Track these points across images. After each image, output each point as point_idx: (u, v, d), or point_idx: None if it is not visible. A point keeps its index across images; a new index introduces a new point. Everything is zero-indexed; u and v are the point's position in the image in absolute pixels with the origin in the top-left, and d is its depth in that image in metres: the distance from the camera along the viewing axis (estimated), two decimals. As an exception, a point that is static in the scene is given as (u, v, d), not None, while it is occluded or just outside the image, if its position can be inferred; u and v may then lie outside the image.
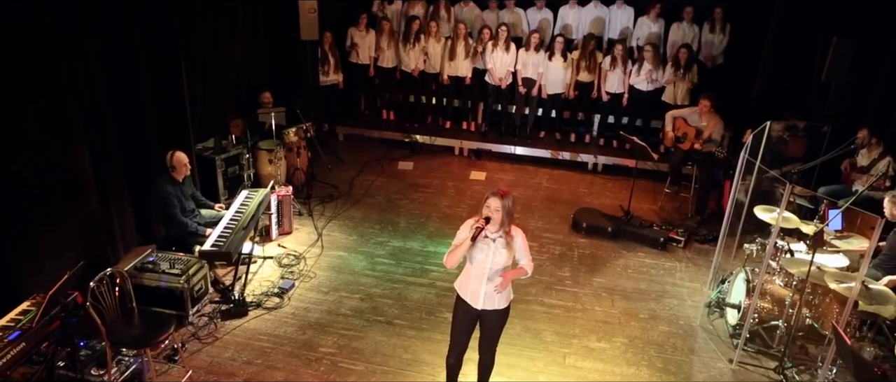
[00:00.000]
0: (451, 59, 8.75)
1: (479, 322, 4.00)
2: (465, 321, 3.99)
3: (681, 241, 6.65)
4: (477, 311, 3.90)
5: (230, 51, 7.09)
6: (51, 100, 4.78)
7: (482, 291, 3.84)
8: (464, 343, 4.06)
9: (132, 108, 5.62)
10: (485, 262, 3.78)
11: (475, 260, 3.80)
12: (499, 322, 3.97)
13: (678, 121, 7.36)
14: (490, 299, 3.85)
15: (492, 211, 3.68)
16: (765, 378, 4.78)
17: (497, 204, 3.67)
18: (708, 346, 5.12)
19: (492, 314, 3.90)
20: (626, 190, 7.68)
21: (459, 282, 3.99)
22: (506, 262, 3.79)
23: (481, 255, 3.78)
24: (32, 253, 4.68)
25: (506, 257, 3.78)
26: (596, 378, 4.67)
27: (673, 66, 8.10)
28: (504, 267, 3.80)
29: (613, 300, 5.68)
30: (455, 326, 4.04)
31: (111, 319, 4.01)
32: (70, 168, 5.02)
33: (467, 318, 3.97)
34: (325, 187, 7.61)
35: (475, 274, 3.84)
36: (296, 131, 7.09)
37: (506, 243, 3.77)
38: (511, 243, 3.79)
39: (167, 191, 5.20)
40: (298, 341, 4.92)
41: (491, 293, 3.83)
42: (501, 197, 3.68)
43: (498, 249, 3.76)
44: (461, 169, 8.61)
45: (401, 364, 4.71)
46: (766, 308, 5.07)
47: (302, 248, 6.25)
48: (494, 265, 3.78)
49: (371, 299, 5.51)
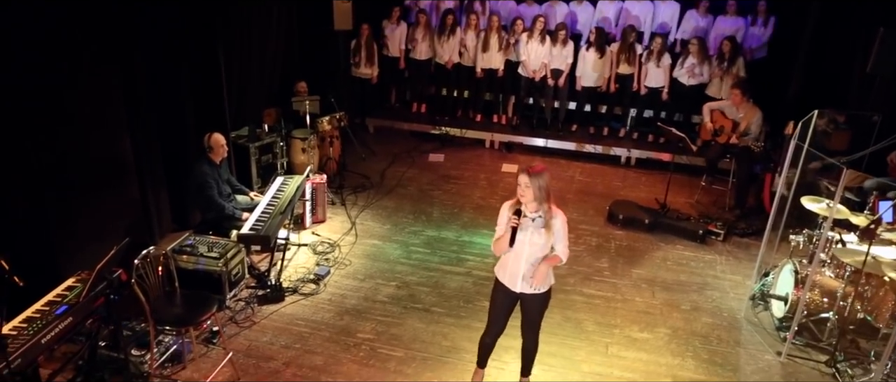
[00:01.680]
0: (485, 51, 8.69)
1: (520, 305, 3.91)
2: (504, 303, 3.88)
3: (720, 234, 6.50)
4: (516, 294, 3.80)
5: (264, 43, 7.14)
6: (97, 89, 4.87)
7: (520, 274, 3.73)
8: (501, 325, 3.96)
9: (171, 99, 5.70)
10: (523, 243, 3.65)
11: (514, 241, 3.68)
12: (539, 306, 3.85)
13: (715, 114, 7.21)
14: (531, 282, 3.74)
15: (522, 188, 3.54)
16: (815, 371, 4.62)
17: (525, 180, 3.51)
18: (754, 339, 4.98)
19: (531, 298, 3.79)
20: (660, 183, 7.57)
21: (498, 265, 3.89)
22: (545, 244, 3.65)
23: (520, 235, 3.64)
24: (73, 234, 4.70)
25: (545, 238, 3.63)
26: (641, 369, 4.55)
27: (717, 60, 7.95)
28: (542, 248, 3.67)
29: (654, 291, 5.55)
30: (493, 307, 3.95)
31: (154, 298, 3.99)
32: (112, 154, 5.11)
33: (506, 300, 3.87)
34: (357, 177, 7.57)
35: (513, 255, 3.71)
36: (329, 120, 7.06)
37: (545, 223, 3.63)
38: (550, 224, 3.65)
39: (205, 172, 5.18)
40: (336, 326, 4.87)
41: (532, 275, 3.72)
42: (530, 174, 3.51)
43: (536, 230, 3.61)
44: (492, 161, 8.53)
45: (440, 352, 4.64)
46: (816, 300, 4.92)
47: (336, 236, 6.21)
48: (532, 246, 3.64)
49: (407, 287, 5.45)
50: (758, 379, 4.52)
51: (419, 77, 9.28)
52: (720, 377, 4.52)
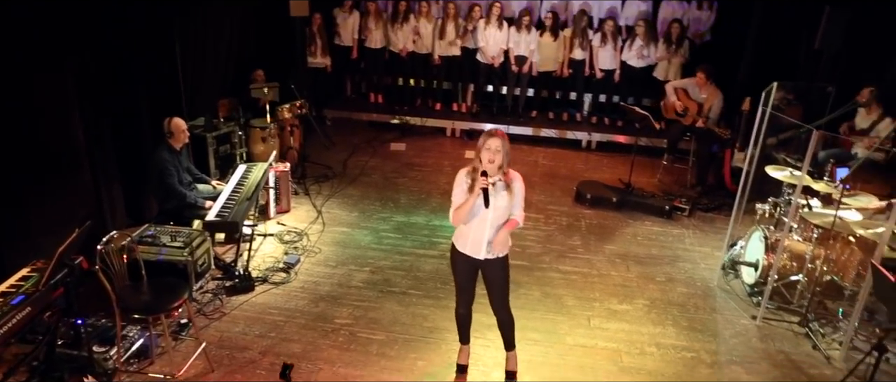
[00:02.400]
0: (441, 38, 8.61)
1: (483, 276, 3.80)
2: (468, 271, 3.77)
3: (685, 210, 6.62)
4: (480, 261, 3.69)
5: (220, 31, 6.83)
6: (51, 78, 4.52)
7: (484, 240, 3.61)
8: (470, 293, 3.85)
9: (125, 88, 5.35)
10: (487, 212, 3.53)
11: (477, 210, 3.55)
12: (502, 272, 3.74)
13: (680, 93, 7.34)
14: (493, 248, 3.62)
15: (493, 153, 3.44)
16: (789, 331, 4.73)
17: (497, 144, 3.44)
18: (729, 305, 5.06)
19: (494, 263, 3.68)
20: (622, 165, 7.68)
21: (456, 235, 3.75)
22: (507, 206, 3.57)
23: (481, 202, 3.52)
24: (24, 228, 4.36)
25: (507, 201, 3.55)
26: (623, 338, 4.54)
27: (665, 42, 8.12)
28: (506, 211, 3.58)
29: (628, 265, 5.58)
30: (458, 278, 3.83)
31: (120, 287, 3.71)
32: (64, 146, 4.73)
33: (469, 269, 3.75)
34: (318, 168, 7.35)
35: (476, 223, 3.60)
36: (290, 108, 6.81)
37: (505, 186, 3.56)
38: (511, 186, 3.57)
39: (165, 158, 4.90)
40: (311, 313, 4.67)
41: (494, 240, 3.60)
42: (501, 137, 3.46)
43: (499, 193, 3.52)
44: (454, 149, 8.46)
45: (422, 333, 4.51)
46: (786, 264, 5.04)
47: (302, 225, 5.99)
48: (497, 211, 3.54)
49: (382, 271, 5.29)
50: (737, 342, 4.58)
51: (374, 66, 9.12)
52: (701, 342, 4.56)
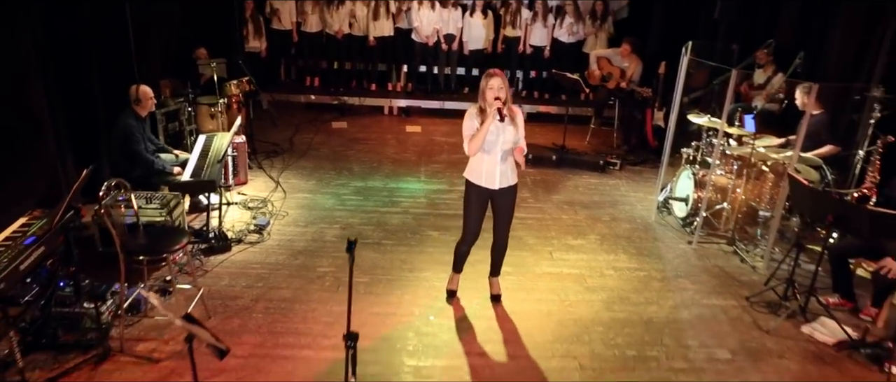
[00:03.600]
0: (375, 19, 8.88)
1: (493, 204, 4.19)
2: (480, 205, 4.16)
3: (617, 164, 7.29)
4: (493, 191, 4.09)
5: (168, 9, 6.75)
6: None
7: (497, 171, 4.02)
8: (477, 229, 4.23)
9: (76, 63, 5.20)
10: (496, 143, 3.95)
11: (488, 143, 3.96)
12: (512, 198, 4.17)
13: (602, 62, 8.03)
14: (505, 177, 4.05)
15: (496, 90, 3.81)
16: (720, 251, 5.42)
17: (499, 82, 3.81)
18: (667, 235, 5.71)
19: (507, 191, 4.11)
20: (553, 133, 8.30)
21: (470, 171, 4.14)
22: (515, 138, 3.97)
23: (492, 137, 3.93)
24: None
25: (514, 133, 3.95)
26: (584, 265, 5.05)
27: (591, 18, 8.82)
28: (513, 142, 3.99)
29: (575, 210, 6.12)
30: (470, 213, 4.19)
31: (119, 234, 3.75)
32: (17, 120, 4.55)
33: (481, 201, 4.14)
34: (265, 145, 7.42)
35: (488, 157, 4.00)
36: (238, 84, 6.86)
37: (512, 120, 3.96)
38: (515, 119, 3.98)
39: (132, 125, 4.90)
40: (293, 265, 4.84)
41: (506, 171, 4.04)
42: (500, 75, 3.85)
43: (506, 127, 3.92)
44: (394, 125, 8.76)
45: (403, 273, 4.80)
46: (712, 196, 5.75)
47: (263, 194, 6.10)
48: (505, 144, 3.95)
49: (352, 227, 5.53)
50: (679, 262, 5.21)
51: (311, 50, 9.25)
52: (649, 263, 5.15)
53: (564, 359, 3.89)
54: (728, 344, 4.11)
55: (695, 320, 4.38)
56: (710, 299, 4.66)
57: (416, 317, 4.23)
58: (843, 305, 4.55)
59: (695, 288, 4.80)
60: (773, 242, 5.25)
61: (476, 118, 3.96)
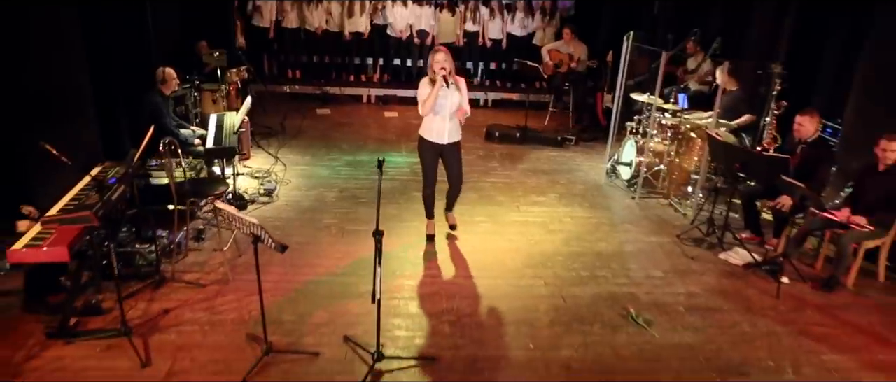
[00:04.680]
0: (350, 16, 9.77)
1: (443, 158, 5.15)
2: (433, 157, 5.13)
3: (572, 139, 8.36)
4: (442, 146, 5.05)
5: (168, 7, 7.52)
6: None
7: (446, 129, 4.99)
8: (434, 175, 5.20)
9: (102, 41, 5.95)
10: (444, 106, 4.91)
11: (437, 106, 4.90)
12: (458, 151, 5.15)
13: (552, 52, 9.10)
14: (452, 134, 5.03)
15: (441, 63, 4.76)
16: (658, 204, 6.50)
17: (442, 57, 4.78)
18: (615, 193, 6.78)
19: (453, 145, 5.09)
20: (514, 116, 9.33)
21: (424, 129, 5.09)
22: (458, 102, 4.95)
23: (442, 101, 4.88)
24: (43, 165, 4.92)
25: (457, 98, 4.93)
26: (547, 215, 6.06)
27: (541, 14, 9.91)
28: (456, 104, 4.94)
29: (538, 175, 7.15)
30: (426, 164, 5.16)
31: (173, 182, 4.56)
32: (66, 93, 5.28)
33: (434, 154, 5.11)
34: (259, 128, 8.23)
35: (438, 118, 4.96)
36: (238, 72, 7.67)
37: (457, 87, 4.93)
38: (459, 86, 4.95)
39: (158, 102, 5.69)
40: (302, 219, 5.71)
41: (452, 129, 5.01)
42: (446, 52, 4.83)
43: (452, 93, 4.88)
44: (373, 112, 9.67)
45: (395, 223, 5.70)
46: (651, 160, 6.84)
47: (266, 167, 6.93)
48: (451, 106, 4.92)
49: (348, 190, 6.42)
50: (625, 212, 6.27)
51: (292, 45, 10.07)
52: (600, 213, 6.19)
53: (532, 279, 4.87)
54: (661, 267, 5.16)
55: (636, 252, 5.42)
56: (649, 237, 5.72)
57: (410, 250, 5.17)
58: (753, 239, 5.66)
59: (637, 230, 5.86)
60: (699, 193, 6.35)
61: (427, 86, 4.92)
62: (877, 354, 4.16)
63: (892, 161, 4.79)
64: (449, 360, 3.86)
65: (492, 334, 4.15)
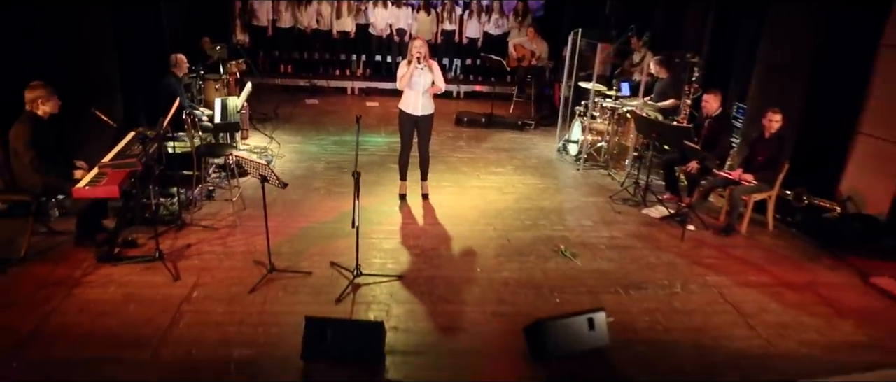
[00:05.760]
0: (338, 17, 10.87)
1: (417, 127, 6.25)
2: (409, 126, 6.22)
3: (531, 124, 9.51)
4: (416, 117, 6.15)
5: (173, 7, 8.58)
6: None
7: (420, 103, 6.10)
8: (409, 142, 6.29)
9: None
10: (419, 83, 6.02)
11: (414, 83, 6.01)
12: (430, 123, 6.26)
13: (517, 47, 10.26)
14: (425, 107, 6.14)
15: (417, 49, 5.88)
16: (599, 174, 7.66)
17: (420, 43, 5.93)
18: (563, 166, 7.93)
19: (426, 118, 6.20)
20: (483, 106, 10.43)
21: (403, 102, 6.20)
22: (430, 80, 6.04)
23: (417, 79, 6.00)
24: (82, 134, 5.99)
25: (430, 77, 6.03)
26: (503, 181, 7.19)
27: (514, 15, 11.07)
28: (430, 83, 6.06)
29: (498, 153, 8.29)
30: (403, 133, 6.26)
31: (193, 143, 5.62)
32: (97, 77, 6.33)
33: (410, 124, 6.20)
34: (255, 114, 9.29)
35: (414, 93, 6.07)
36: (237, 64, 8.73)
37: (429, 69, 6.04)
38: (432, 68, 6.06)
39: (173, 83, 6.75)
40: (296, 183, 6.78)
41: (426, 103, 6.12)
42: (422, 40, 5.99)
43: (425, 73, 6.01)
44: (357, 102, 10.77)
45: (373, 187, 6.79)
46: (594, 138, 7.99)
47: (263, 144, 8.00)
48: (425, 84, 6.04)
49: (335, 162, 7.51)
50: (570, 180, 7.42)
51: (285, 43, 11.15)
52: (549, 180, 7.33)
53: (484, 227, 5.98)
54: (592, 218, 6.30)
55: (573, 208, 6.56)
56: (586, 198, 6.86)
57: (385, 206, 6.27)
58: (671, 199, 6.81)
59: (577, 193, 7.00)
60: (630, 162, 7.51)
61: (405, 66, 6.04)
62: (750, 276, 5.30)
63: (775, 130, 5.96)
64: (412, 278, 4.95)
65: (447, 262, 5.26)
